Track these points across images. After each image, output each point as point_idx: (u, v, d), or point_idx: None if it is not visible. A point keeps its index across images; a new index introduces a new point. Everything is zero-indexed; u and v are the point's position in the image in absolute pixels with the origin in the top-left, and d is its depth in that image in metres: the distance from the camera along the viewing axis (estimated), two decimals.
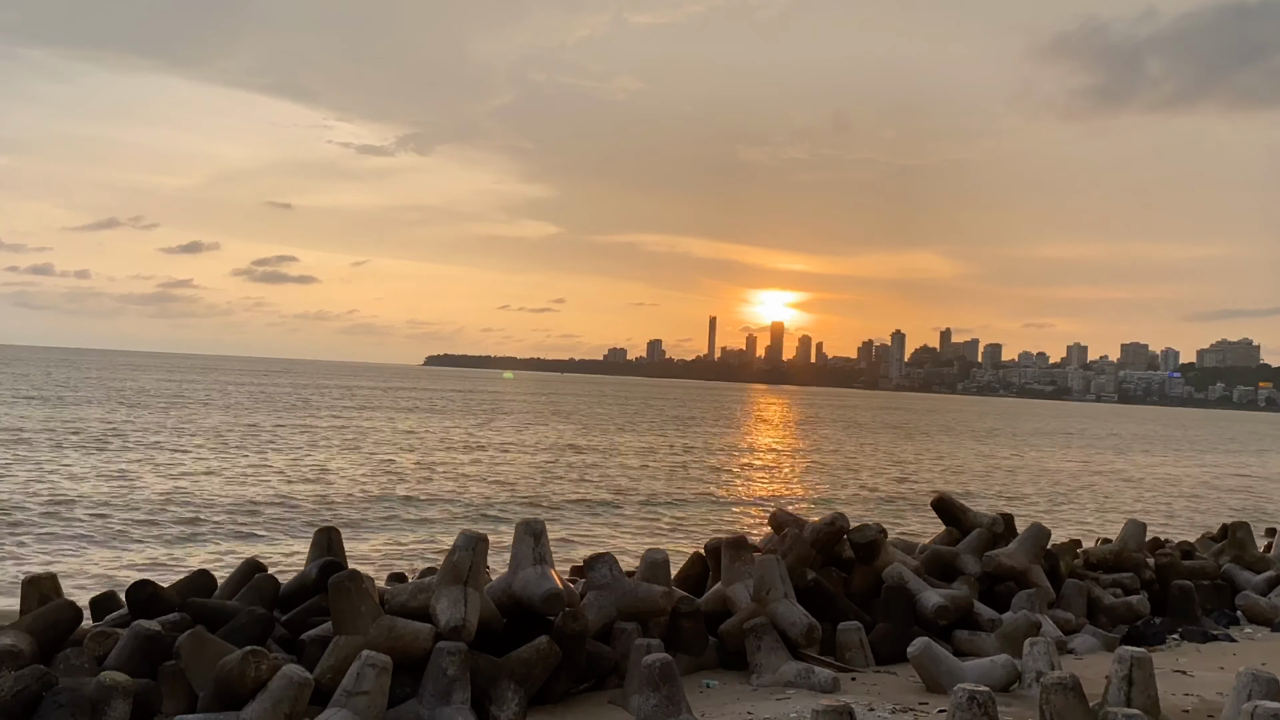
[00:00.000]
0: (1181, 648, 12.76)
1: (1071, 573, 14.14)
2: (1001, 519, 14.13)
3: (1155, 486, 50.64)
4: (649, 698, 8.44)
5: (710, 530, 25.80)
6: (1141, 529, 15.85)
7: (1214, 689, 10.07)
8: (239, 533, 23.70)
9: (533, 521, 9.94)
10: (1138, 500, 42.78)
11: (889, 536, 13.04)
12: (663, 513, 31.00)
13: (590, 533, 26.21)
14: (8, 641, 8.28)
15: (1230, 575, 15.87)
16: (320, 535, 11.13)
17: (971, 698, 7.30)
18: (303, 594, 10.20)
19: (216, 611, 9.58)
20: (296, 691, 7.62)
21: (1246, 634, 13.98)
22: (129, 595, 9.98)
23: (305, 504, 28.70)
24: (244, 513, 26.48)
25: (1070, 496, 42.98)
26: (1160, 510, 39.17)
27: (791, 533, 12.35)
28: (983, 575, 12.97)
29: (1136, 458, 74.41)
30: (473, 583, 9.07)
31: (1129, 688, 8.56)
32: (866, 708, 8.97)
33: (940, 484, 42.57)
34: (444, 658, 8.35)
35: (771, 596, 10.64)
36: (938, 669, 9.90)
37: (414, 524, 26.42)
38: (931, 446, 74.70)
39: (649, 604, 10.19)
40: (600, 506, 31.58)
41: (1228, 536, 17.40)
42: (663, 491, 36.57)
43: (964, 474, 51.98)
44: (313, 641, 8.99)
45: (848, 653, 10.91)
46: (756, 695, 9.60)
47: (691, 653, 10.39)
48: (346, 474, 36.85)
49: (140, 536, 22.39)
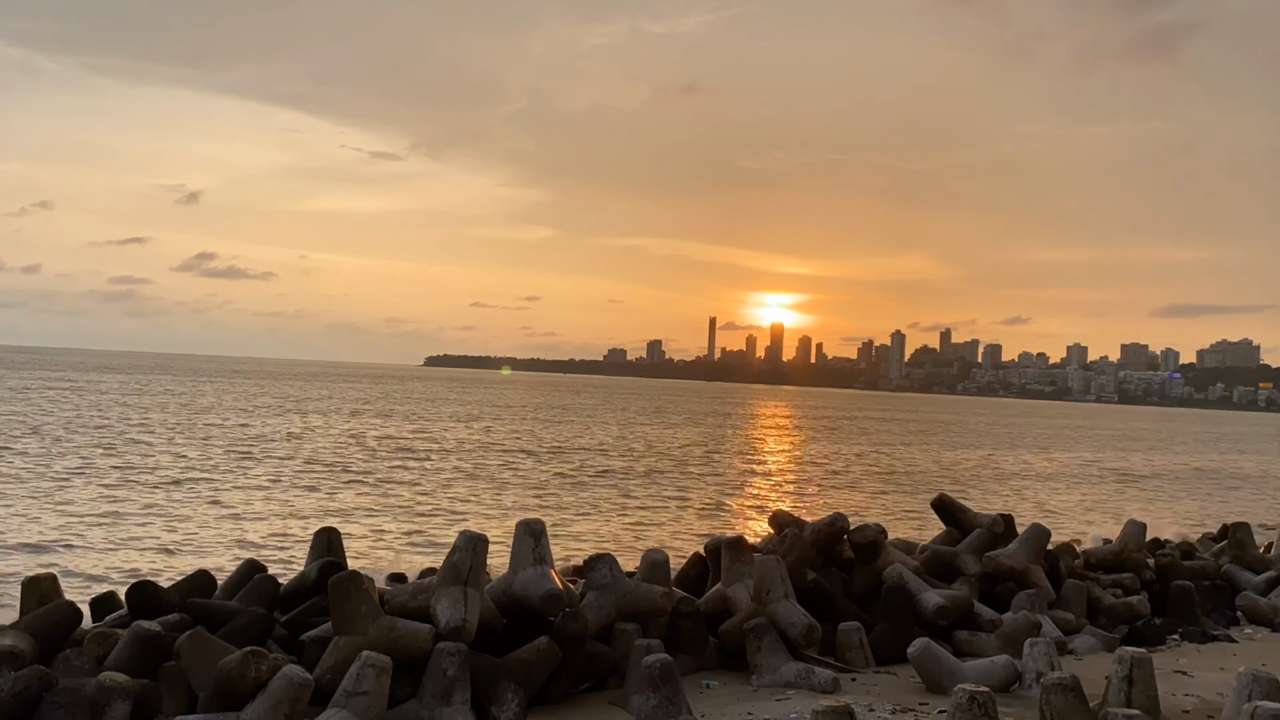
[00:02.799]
0: (1182, 648, 12.75)
1: (1072, 573, 14.14)
2: (1001, 519, 14.12)
3: (1155, 485, 50.64)
4: (649, 698, 8.44)
5: (710, 531, 25.79)
6: (1141, 529, 15.85)
7: (1214, 689, 10.07)
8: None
9: (532, 522, 9.94)
10: (1137, 500, 42.78)
11: (889, 537, 13.04)
12: (664, 512, 30.98)
13: (590, 533, 26.20)
14: (8, 642, 8.28)
15: (1230, 576, 15.86)
16: (320, 535, 11.13)
17: (972, 698, 7.30)
18: (303, 594, 10.21)
19: (217, 612, 9.59)
20: (296, 692, 7.62)
21: (1247, 634, 13.97)
22: (129, 596, 10.00)
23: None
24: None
25: (1070, 496, 42.97)
26: (1160, 510, 39.16)
27: (791, 533, 12.36)
28: (983, 576, 12.96)
29: (1136, 457, 74.44)
30: (473, 583, 9.08)
31: (1129, 688, 8.57)
32: (866, 708, 8.97)
33: (940, 485, 42.55)
34: (444, 658, 8.35)
35: (771, 597, 10.64)
36: (938, 669, 9.90)
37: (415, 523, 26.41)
38: (931, 447, 74.66)
39: (649, 604, 10.19)
40: (603, 507, 31.57)
41: (1228, 537, 17.39)
42: (664, 492, 36.56)
43: (965, 474, 51.96)
44: (313, 642, 8.99)
45: (848, 653, 10.90)
46: (756, 696, 9.60)
47: (691, 653, 10.38)
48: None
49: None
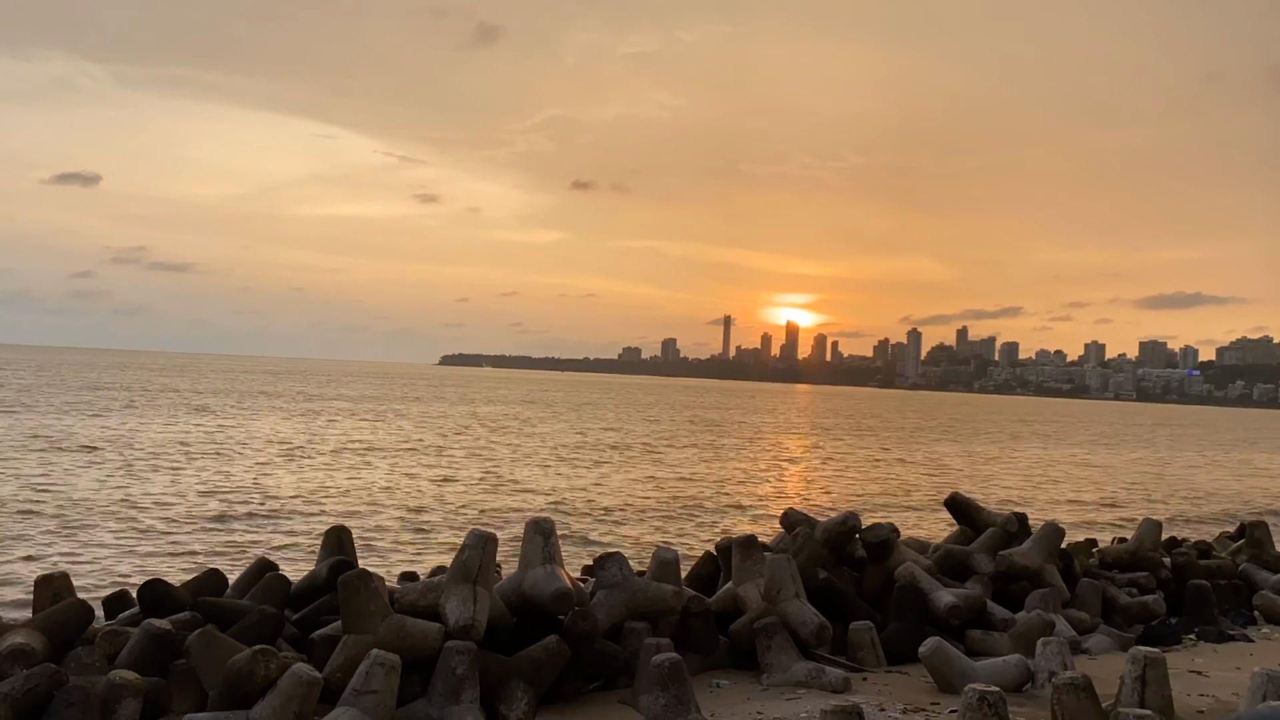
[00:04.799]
0: (1198, 647, 12.64)
1: (1086, 572, 14.04)
2: (1015, 518, 14.03)
3: (1169, 483, 50.30)
4: (658, 697, 8.42)
5: (721, 529, 25.75)
6: (1157, 528, 15.74)
7: (1230, 689, 9.98)
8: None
9: (542, 520, 9.93)
10: (1153, 498, 42.50)
11: (901, 536, 12.98)
12: (675, 511, 30.95)
13: (601, 531, 26.19)
14: (20, 640, 8.32)
15: (1248, 575, 15.72)
16: (331, 534, 11.16)
17: (982, 698, 7.25)
18: (313, 593, 10.23)
19: (227, 610, 9.62)
20: (306, 690, 7.62)
21: (1264, 634, 13.84)
22: (140, 594, 10.04)
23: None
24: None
25: (1086, 494, 42.72)
26: (1177, 508, 38.88)
27: (803, 532, 12.31)
28: (996, 574, 12.88)
29: (1152, 454, 73.96)
30: (482, 582, 9.07)
31: (1142, 688, 8.49)
32: (877, 708, 8.93)
33: (953, 483, 42.37)
34: (453, 657, 8.35)
35: (782, 596, 10.60)
36: (950, 669, 9.84)
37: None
38: (945, 445, 74.37)
39: (659, 603, 10.16)
40: (608, 506, 31.56)
41: (1245, 535, 17.24)
42: (677, 491, 36.52)
43: (978, 472, 51.74)
44: (322, 640, 9.00)
45: (859, 652, 10.86)
46: (767, 695, 9.56)
47: (702, 652, 10.35)
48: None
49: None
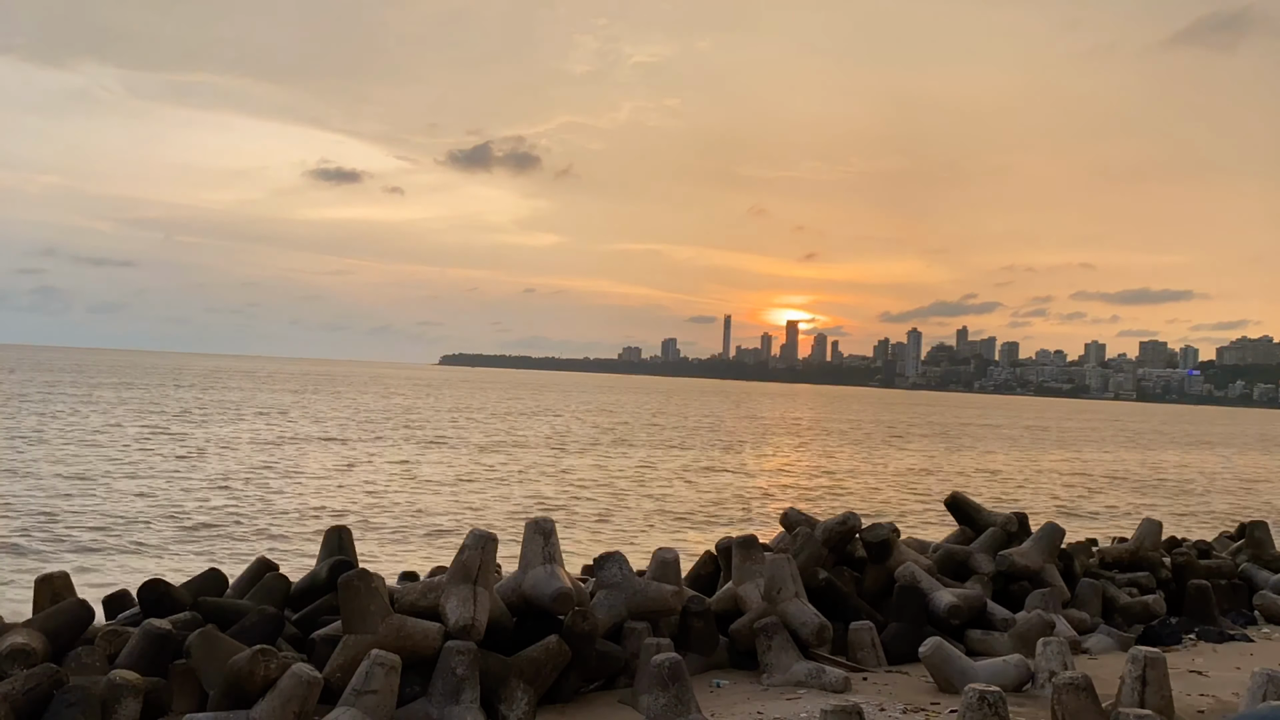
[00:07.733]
0: (1198, 648, 12.64)
1: (1086, 572, 14.04)
2: (1015, 518, 14.04)
3: (1171, 483, 50.31)
4: (658, 697, 8.41)
5: (721, 529, 25.74)
6: (1158, 527, 15.73)
7: (1230, 689, 9.98)
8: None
9: (542, 520, 9.93)
10: (1154, 498, 42.50)
11: (901, 536, 12.98)
12: (676, 512, 30.96)
13: (600, 532, 26.20)
14: (19, 640, 8.31)
15: (1248, 574, 15.72)
16: (331, 534, 11.15)
17: (982, 698, 7.25)
18: (313, 593, 10.23)
19: (227, 610, 9.61)
20: (306, 690, 7.62)
21: (1264, 634, 13.84)
22: (140, 594, 10.02)
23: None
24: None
25: (1085, 494, 42.72)
26: (1177, 508, 38.89)
27: (803, 532, 12.31)
28: (996, 575, 12.88)
29: (1153, 454, 73.96)
30: (482, 582, 9.07)
31: (1143, 688, 8.49)
32: (877, 708, 8.93)
33: (953, 483, 42.38)
34: (453, 657, 8.35)
35: (782, 596, 10.60)
36: (950, 669, 9.84)
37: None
38: (945, 445, 74.39)
39: (659, 603, 10.16)
40: (608, 506, 31.57)
41: (1245, 535, 17.23)
42: (677, 491, 36.53)
43: (978, 472, 51.75)
44: (323, 640, 9.00)
45: (859, 652, 10.86)
46: (767, 695, 9.56)
47: (702, 652, 10.35)
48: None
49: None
